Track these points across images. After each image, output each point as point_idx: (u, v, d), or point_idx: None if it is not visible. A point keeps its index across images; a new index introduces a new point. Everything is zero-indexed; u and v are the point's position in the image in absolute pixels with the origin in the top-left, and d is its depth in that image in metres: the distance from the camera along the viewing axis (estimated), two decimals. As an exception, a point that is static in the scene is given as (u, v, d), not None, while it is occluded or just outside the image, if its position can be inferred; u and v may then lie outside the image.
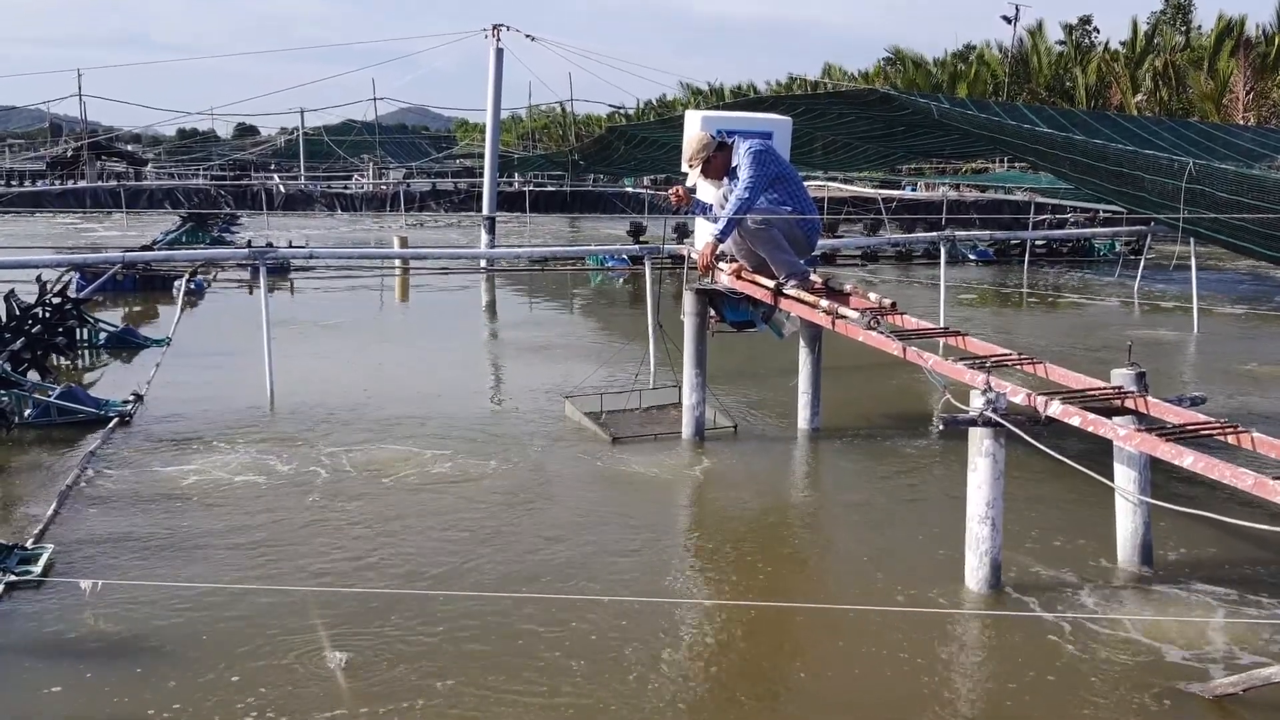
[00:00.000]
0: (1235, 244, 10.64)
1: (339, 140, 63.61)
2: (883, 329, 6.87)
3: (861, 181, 38.07)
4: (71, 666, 4.82)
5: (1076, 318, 17.21)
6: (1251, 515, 5.62)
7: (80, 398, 9.31)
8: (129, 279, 17.62)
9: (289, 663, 4.87)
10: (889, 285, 20.42)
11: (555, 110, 70.17)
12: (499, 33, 23.92)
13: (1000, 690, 4.79)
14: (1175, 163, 8.73)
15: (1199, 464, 4.86)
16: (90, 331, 12.78)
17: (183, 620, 5.28)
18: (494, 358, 13.56)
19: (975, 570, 5.73)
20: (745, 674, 4.94)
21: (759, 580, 6.10)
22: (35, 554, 5.95)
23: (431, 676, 4.77)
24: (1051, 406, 5.50)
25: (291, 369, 10.90)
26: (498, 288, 20.58)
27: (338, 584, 5.74)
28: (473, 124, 79.06)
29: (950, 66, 51.12)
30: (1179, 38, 45.54)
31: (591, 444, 8.64)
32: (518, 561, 6.16)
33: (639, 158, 23.95)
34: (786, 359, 9.68)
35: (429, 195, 46.49)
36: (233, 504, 7.08)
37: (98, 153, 51.25)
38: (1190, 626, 5.37)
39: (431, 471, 7.85)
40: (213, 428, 8.91)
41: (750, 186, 7.60)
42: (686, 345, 8.69)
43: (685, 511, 7.53)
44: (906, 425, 9.40)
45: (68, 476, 7.46)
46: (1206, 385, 11.00)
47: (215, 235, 27.70)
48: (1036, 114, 12.93)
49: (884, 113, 13.93)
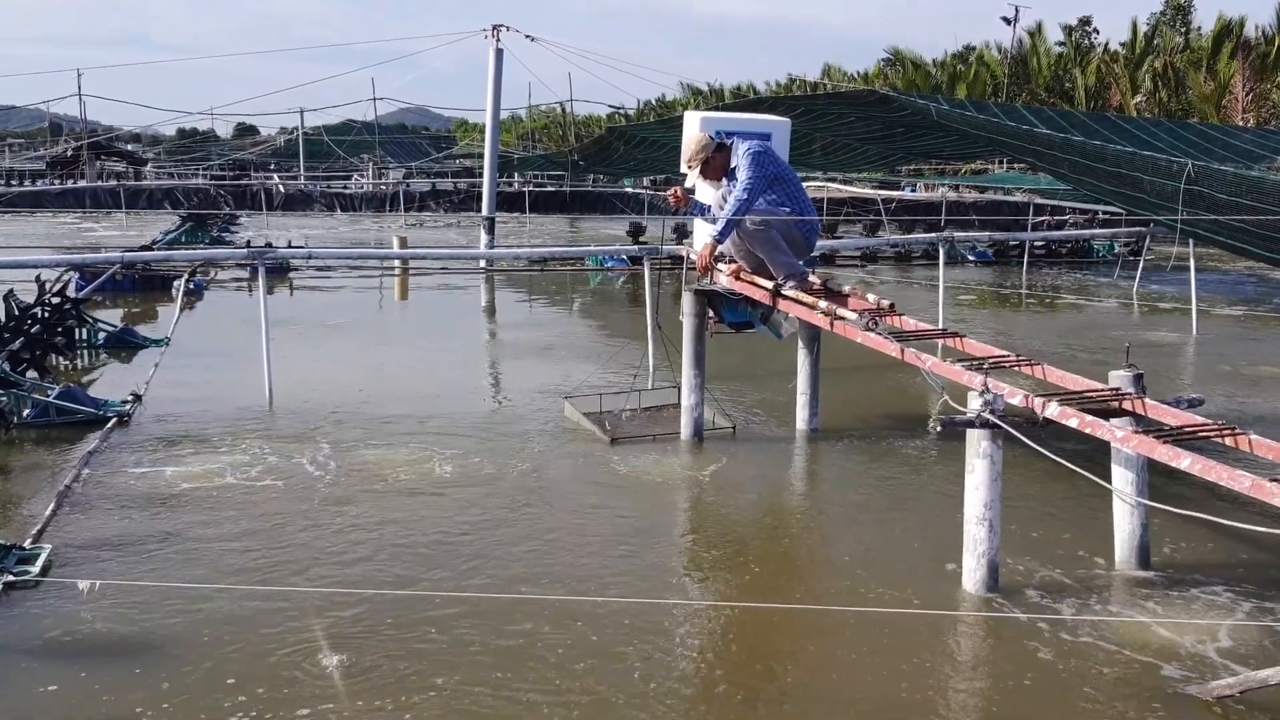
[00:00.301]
0: (1234, 245, 10.64)
1: (339, 140, 63.58)
2: (881, 330, 6.88)
3: (860, 182, 38.10)
4: (68, 666, 4.82)
5: (1075, 319, 17.21)
6: (1249, 517, 5.62)
7: (79, 398, 9.31)
8: (128, 279, 17.61)
9: (287, 663, 4.87)
10: (887, 286, 20.42)
11: (555, 111, 70.26)
12: (499, 33, 23.92)
13: (997, 692, 4.80)
14: (1174, 163, 8.73)
15: (1196, 466, 4.87)
16: (89, 331, 12.78)
17: (180, 620, 5.28)
18: (493, 358, 13.57)
19: (973, 572, 5.73)
20: (745, 674, 4.94)
21: (757, 581, 6.10)
22: (33, 554, 5.96)
23: (431, 676, 4.77)
24: (1049, 408, 5.50)
25: (290, 369, 10.91)
26: (497, 288, 20.59)
27: (336, 585, 5.74)
28: (472, 124, 79.09)
29: (950, 67, 51.15)
30: (1178, 39, 45.55)
31: (591, 444, 8.64)
32: (517, 561, 6.16)
33: (639, 158, 23.96)
34: (785, 360, 9.69)
35: (428, 195, 46.45)
36: (231, 505, 7.07)
37: (97, 152, 51.22)
38: (1188, 628, 5.38)
39: (430, 472, 7.85)
40: (212, 428, 8.91)
41: (749, 187, 7.61)
42: (685, 346, 8.70)
43: (684, 512, 7.53)
44: (904, 426, 9.41)
45: (66, 476, 7.46)
46: (1204, 387, 11.01)
47: (215, 235, 27.70)
48: (1035, 115, 12.94)
49: (883, 114, 13.94)
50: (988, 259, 25.54)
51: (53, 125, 70.51)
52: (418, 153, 69.15)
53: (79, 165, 49.20)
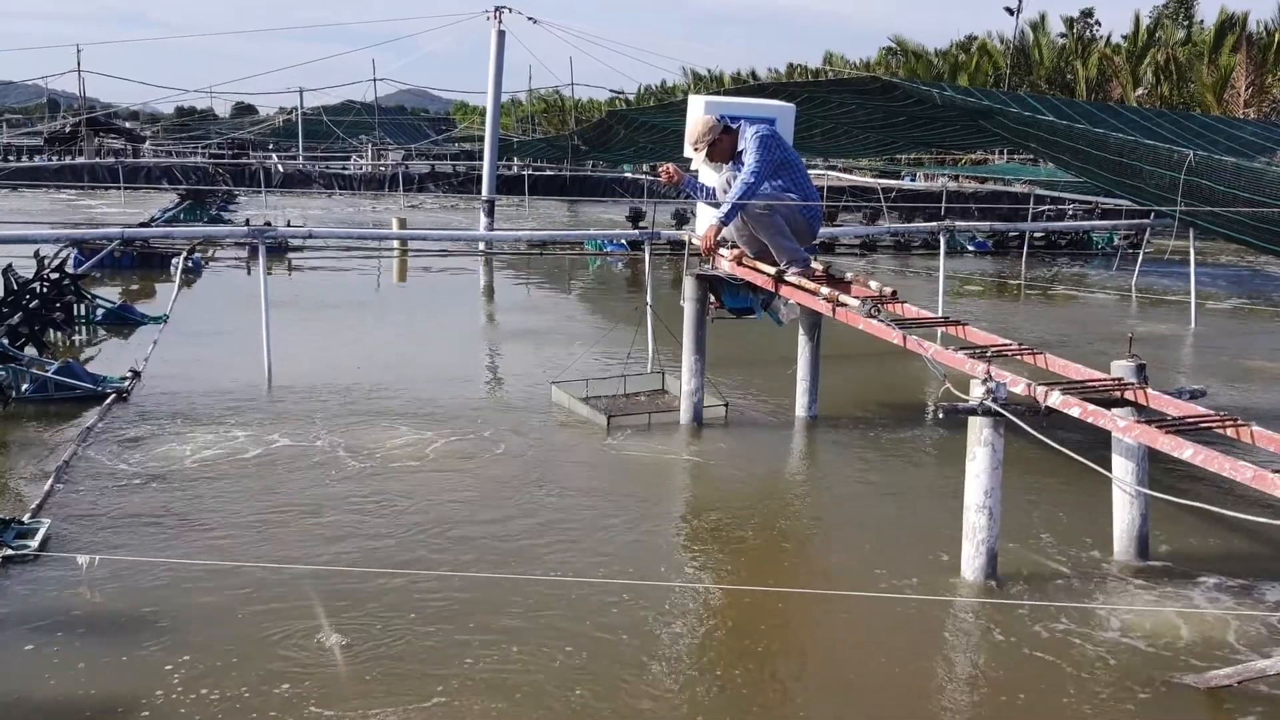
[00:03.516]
0: (1235, 237, 10.63)
1: (338, 121, 63.33)
2: (883, 317, 6.87)
3: (861, 171, 38.02)
4: (67, 641, 4.82)
5: (1074, 310, 17.22)
6: (1249, 508, 5.61)
7: (78, 373, 9.29)
8: (127, 256, 17.58)
9: (285, 640, 4.87)
10: (887, 275, 20.39)
11: (555, 95, 70.01)
12: (500, 15, 23.83)
13: (994, 679, 4.80)
14: (1175, 153, 8.70)
15: (1198, 456, 4.87)
16: (88, 308, 12.74)
17: (178, 596, 5.27)
18: (491, 341, 13.55)
19: (972, 559, 5.73)
20: (741, 658, 4.94)
21: (754, 565, 6.11)
22: (32, 528, 5.95)
23: (430, 654, 4.78)
24: (1051, 397, 5.50)
25: (289, 348, 10.89)
26: (496, 270, 20.55)
27: (334, 562, 5.73)
28: (472, 107, 78.81)
29: (952, 57, 51.07)
30: (1180, 32, 45.49)
31: (585, 429, 8.64)
32: (515, 540, 6.16)
33: (639, 143, 23.82)
34: (784, 346, 9.68)
35: (427, 177, 46.30)
36: (229, 481, 7.07)
37: (96, 129, 51.00)
38: (1185, 618, 5.38)
39: (428, 452, 7.85)
40: (210, 405, 8.89)
41: (756, 171, 7.59)
42: (686, 331, 8.68)
43: (681, 496, 7.53)
44: (905, 414, 9.42)
45: (65, 452, 7.45)
46: (1205, 379, 11.00)
47: (213, 214, 27.62)
48: (1040, 102, 12.89)
49: (885, 102, 13.88)
50: (987, 249, 25.51)
51: (51, 101, 70.22)
52: (417, 135, 68.89)
53: (77, 142, 49.02)
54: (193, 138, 69.35)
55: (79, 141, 48.79)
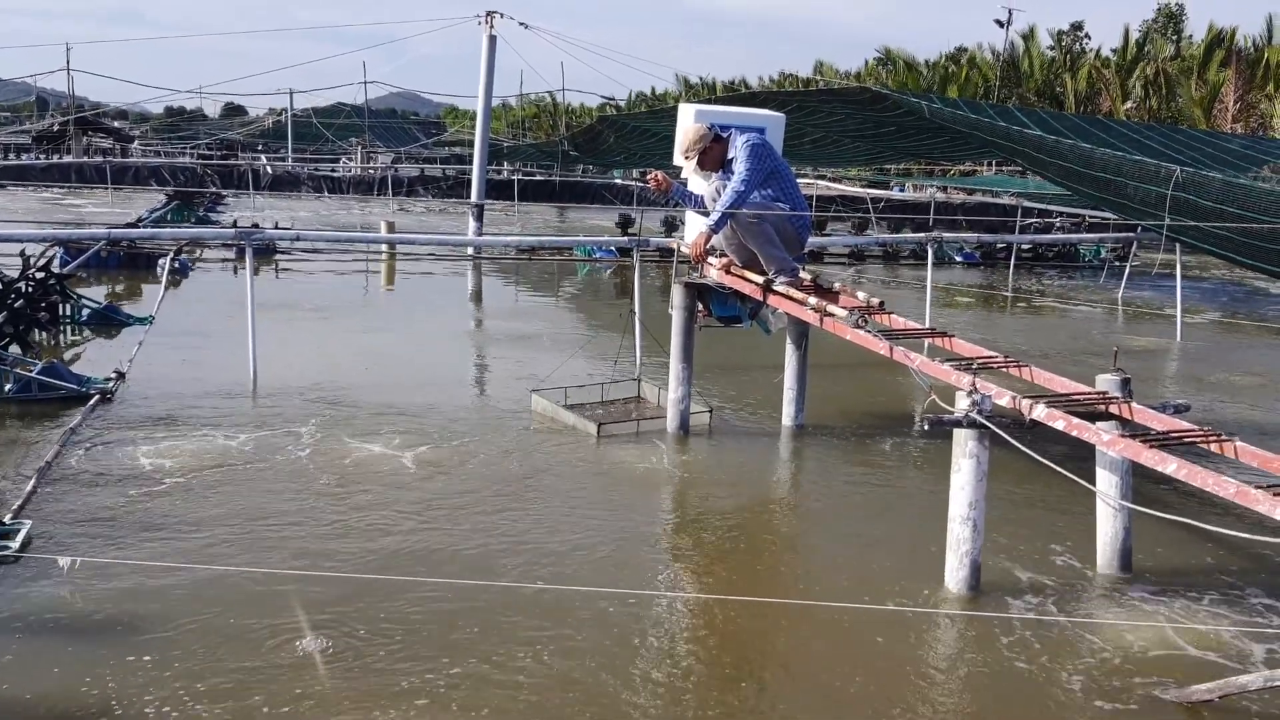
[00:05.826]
0: (1221, 253, 10.67)
1: (327, 123, 63.18)
2: (870, 328, 6.89)
3: (850, 181, 38.10)
4: (47, 642, 4.79)
5: (1060, 323, 17.27)
6: (1232, 523, 5.65)
7: (62, 374, 9.24)
8: (113, 256, 17.49)
9: (265, 643, 4.85)
10: (874, 285, 20.44)
11: (546, 100, 70.03)
12: (492, 20, 23.83)
13: (974, 691, 4.81)
14: (1162, 169, 8.73)
15: (1182, 471, 4.89)
16: (73, 308, 12.69)
17: (159, 599, 5.25)
18: (478, 347, 13.51)
19: (955, 571, 5.74)
20: (723, 668, 4.94)
21: (738, 575, 6.11)
22: (13, 529, 5.91)
23: (412, 660, 4.76)
24: (1036, 410, 5.52)
25: (275, 351, 10.86)
26: (484, 275, 20.53)
27: (316, 567, 5.71)
28: (462, 110, 78.86)
29: (941, 69, 51.26)
30: (1170, 47, 45.74)
31: (570, 436, 8.63)
32: (497, 548, 6.15)
33: (629, 149, 23.83)
34: (773, 355, 9.68)
35: (417, 181, 46.20)
36: (212, 484, 7.04)
37: (84, 128, 50.82)
38: (1168, 632, 5.40)
39: (413, 457, 7.83)
40: (195, 407, 8.86)
41: (746, 179, 7.60)
42: (674, 339, 8.68)
43: (666, 506, 7.52)
44: (890, 424, 9.43)
45: (48, 452, 7.40)
46: (1189, 393, 11.06)
47: (200, 215, 27.53)
48: (1028, 116, 12.94)
49: (874, 112, 13.92)
50: (974, 261, 25.58)
51: (40, 99, 69.94)
52: (407, 138, 68.80)
53: (65, 140, 48.84)
54: (181, 138, 69.13)
55: (67, 140, 48.61)
